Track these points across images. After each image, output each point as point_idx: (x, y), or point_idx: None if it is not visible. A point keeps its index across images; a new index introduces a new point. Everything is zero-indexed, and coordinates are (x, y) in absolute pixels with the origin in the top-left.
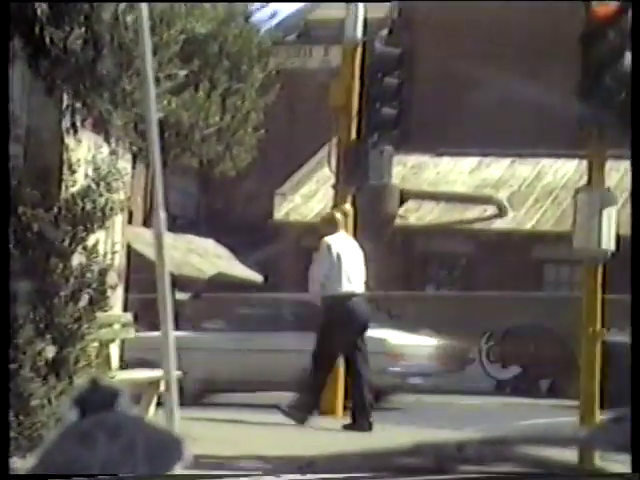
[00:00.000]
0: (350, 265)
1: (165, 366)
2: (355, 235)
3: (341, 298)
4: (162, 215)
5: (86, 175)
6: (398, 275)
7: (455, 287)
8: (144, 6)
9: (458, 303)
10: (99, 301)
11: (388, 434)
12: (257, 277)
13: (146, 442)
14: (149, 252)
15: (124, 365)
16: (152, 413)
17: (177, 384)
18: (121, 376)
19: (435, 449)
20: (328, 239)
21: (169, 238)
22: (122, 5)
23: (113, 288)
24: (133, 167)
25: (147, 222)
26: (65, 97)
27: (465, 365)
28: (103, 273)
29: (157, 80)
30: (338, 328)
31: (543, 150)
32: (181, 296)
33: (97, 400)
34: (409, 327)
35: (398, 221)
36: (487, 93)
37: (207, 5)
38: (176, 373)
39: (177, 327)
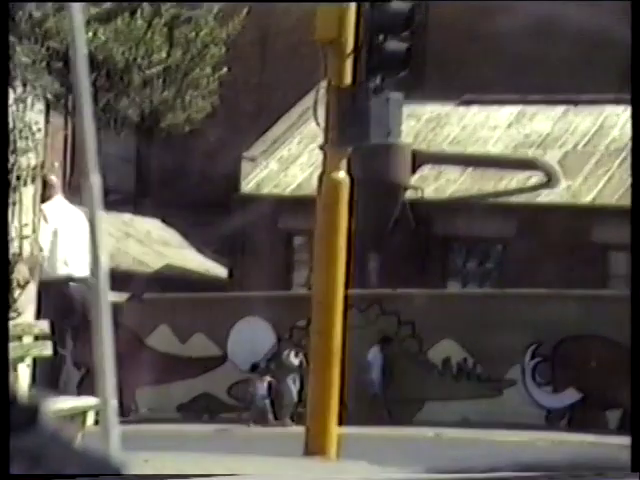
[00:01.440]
0: (69, 241)
1: (102, 392)
2: (351, 212)
3: (56, 283)
4: (97, 182)
5: None
6: (410, 268)
7: (488, 283)
8: None
9: (492, 305)
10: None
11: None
12: (219, 270)
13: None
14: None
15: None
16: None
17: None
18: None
19: None
20: (44, 206)
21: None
22: None
23: (22, 286)
24: (47, 120)
25: (70, 196)
26: None
27: (503, 388)
28: (9, 266)
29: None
30: (56, 318)
31: (607, 95)
32: (115, 297)
33: (14, 420)
34: (427, 335)
35: (410, 194)
36: (528, 17)
37: None
38: (114, 402)
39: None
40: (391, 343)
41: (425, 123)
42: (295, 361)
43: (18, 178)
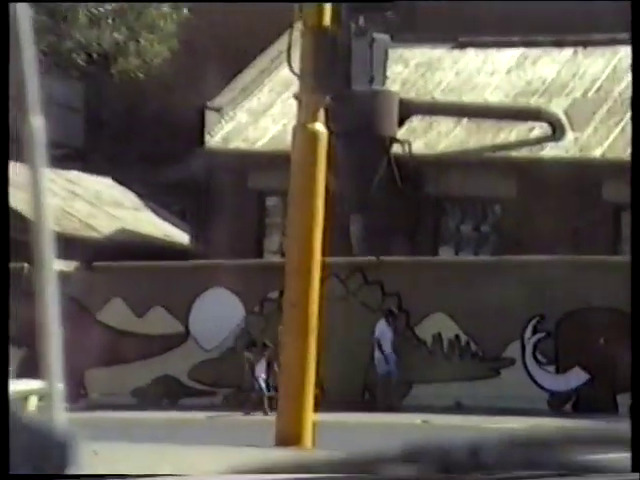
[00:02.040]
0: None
1: (46, 374)
2: (329, 169)
3: None
4: (40, 127)
5: None
6: (397, 232)
7: (484, 249)
8: None
9: (489, 273)
10: None
11: None
12: (180, 235)
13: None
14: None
15: None
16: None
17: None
18: None
19: (442, 453)
20: None
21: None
22: None
23: None
24: None
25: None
26: None
27: (500, 368)
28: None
29: None
30: None
31: (621, 34)
32: (62, 266)
33: None
34: (415, 308)
35: (397, 149)
36: None
37: None
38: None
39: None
40: (397, 316)
41: (414, 68)
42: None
43: None
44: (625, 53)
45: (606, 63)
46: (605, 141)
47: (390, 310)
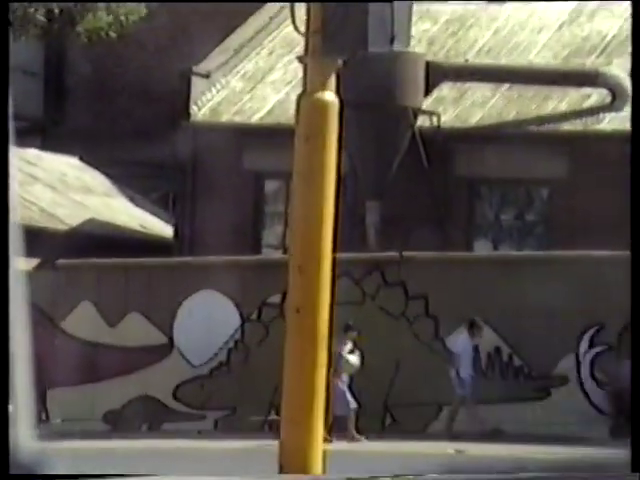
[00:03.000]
0: None
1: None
2: (341, 146)
3: None
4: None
5: None
6: (422, 222)
7: (529, 243)
8: None
9: (535, 273)
10: None
11: None
12: (161, 227)
13: None
14: None
15: None
16: None
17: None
18: None
19: None
20: None
21: None
22: None
23: None
24: None
25: None
26: None
27: (550, 388)
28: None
29: None
30: None
31: None
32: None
33: None
34: (445, 315)
35: (423, 122)
36: None
37: None
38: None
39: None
40: (481, 329)
41: (444, 26)
42: (354, 359)
43: None
44: None
45: None
46: None
47: (473, 321)
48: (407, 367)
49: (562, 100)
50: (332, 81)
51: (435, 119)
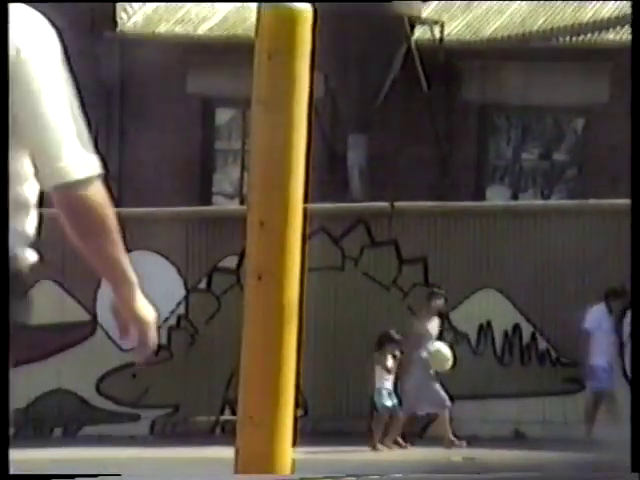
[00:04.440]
0: None
1: None
2: (313, 65)
3: None
4: None
5: None
6: (420, 162)
7: (560, 189)
8: None
9: (566, 226)
10: None
11: None
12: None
13: None
14: None
15: None
16: None
17: None
18: None
19: None
20: None
21: None
22: None
23: None
24: None
25: None
26: None
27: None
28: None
29: None
30: None
31: None
32: None
33: None
34: (450, 284)
35: (422, 34)
36: None
37: None
38: None
39: None
40: (623, 298)
41: None
42: (446, 350)
43: None
44: None
45: None
46: None
47: (615, 290)
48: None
49: (601, 7)
50: None
51: (438, 30)
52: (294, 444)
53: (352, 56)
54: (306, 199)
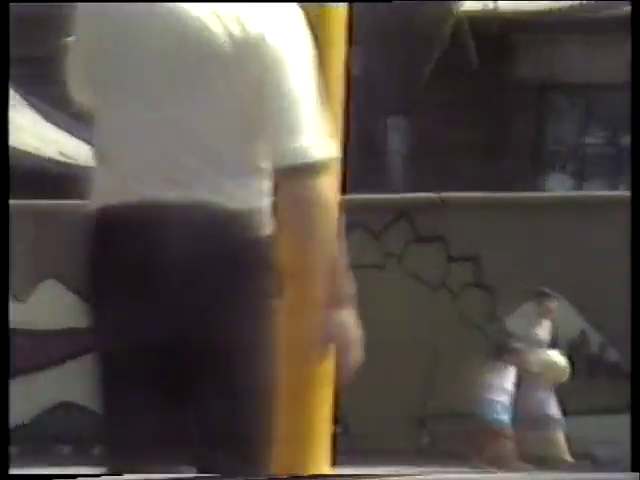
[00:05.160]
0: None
1: None
2: (351, 39)
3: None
4: None
5: None
6: (471, 148)
7: (627, 179)
8: None
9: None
10: None
11: None
12: (82, 152)
13: None
14: None
15: None
16: None
17: None
18: None
19: None
20: None
21: None
22: None
23: None
24: None
25: None
26: None
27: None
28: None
29: None
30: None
31: None
32: None
33: None
34: (505, 284)
35: (472, 5)
36: None
37: None
38: None
39: None
40: None
41: None
42: (561, 359)
43: None
44: None
45: None
46: None
47: None
48: (449, 360)
49: None
50: None
51: (490, 1)
52: (333, 464)
53: (393, 29)
54: (342, 189)
